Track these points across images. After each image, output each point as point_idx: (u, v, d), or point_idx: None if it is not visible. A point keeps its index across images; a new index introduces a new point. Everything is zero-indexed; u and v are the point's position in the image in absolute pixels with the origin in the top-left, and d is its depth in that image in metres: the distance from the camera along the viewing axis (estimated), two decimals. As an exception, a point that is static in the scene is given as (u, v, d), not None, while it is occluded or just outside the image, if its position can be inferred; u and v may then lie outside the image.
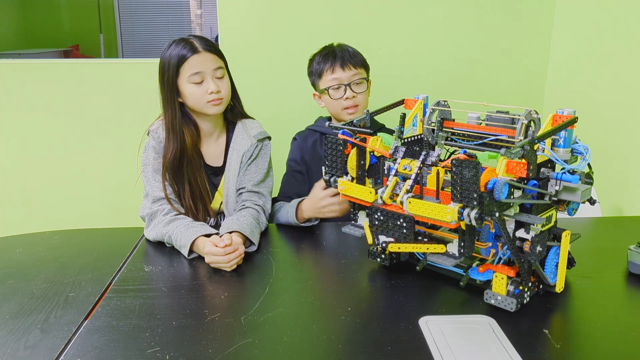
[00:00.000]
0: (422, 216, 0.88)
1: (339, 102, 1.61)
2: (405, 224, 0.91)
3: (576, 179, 0.92)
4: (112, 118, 2.34)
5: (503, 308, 0.97)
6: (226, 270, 1.18)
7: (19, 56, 3.74)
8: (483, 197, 0.82)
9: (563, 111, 0.94)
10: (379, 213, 0.95)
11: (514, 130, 0.98)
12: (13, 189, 2.40)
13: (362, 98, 1.62)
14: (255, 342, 0.90)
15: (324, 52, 1.65)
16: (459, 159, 0.83)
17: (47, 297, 1.07)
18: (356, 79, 1.61)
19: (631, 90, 1.84)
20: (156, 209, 1.37)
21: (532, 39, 2.35)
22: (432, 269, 1.13)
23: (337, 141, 1.01)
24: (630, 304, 1.04)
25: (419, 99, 1.13)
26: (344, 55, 1.61)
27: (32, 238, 1.43)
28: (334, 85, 1.60)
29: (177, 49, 1.39)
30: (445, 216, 0.85)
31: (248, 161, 1.48)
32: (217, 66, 1.41)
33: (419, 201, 0.89)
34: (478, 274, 1.01)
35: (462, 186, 0.83)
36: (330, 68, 1.61)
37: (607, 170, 1.95)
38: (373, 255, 1.18)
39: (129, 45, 4.75)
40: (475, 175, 0.81)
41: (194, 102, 1.41)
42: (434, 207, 0.87)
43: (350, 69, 1.60)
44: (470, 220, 0.83)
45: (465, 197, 0.83)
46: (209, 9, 4.60)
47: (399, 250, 0.94)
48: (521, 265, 0.94)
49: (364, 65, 1.66)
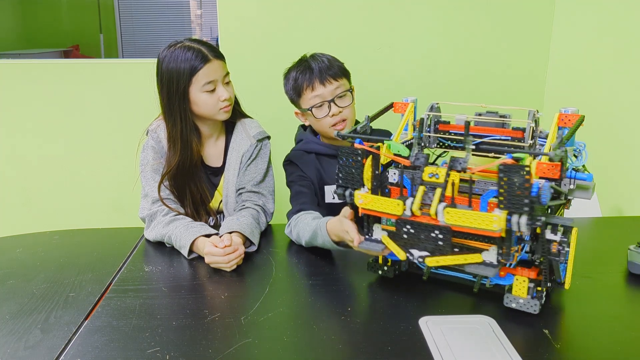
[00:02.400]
0: (463, 226, 0.83)
1: (324, 120, 1.47)
2: (442, 235, 0.86)
3: (590, 177, 0.91)
4: (112, 118, 2.34)
5: (525, 311, 0.95)
6: (226, 270, 1.18)
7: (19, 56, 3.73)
8: (534, 203, 0.78)
9: (567, 110, 0.94)
10: (408, 226, 0.89)
11: (506, 131, 0.98)
12: (13, 189, 2.40)
13: (348, 111, 1.47)
14: (255, 342, 0.90)
15: (299, 68, 1.48)
16: (505, 164, 0.79)
17: (47, 297, 1.07)
18: (339, 93, 1.45)
19: (631, 90, 1.84)
20: (156, 209, 1.37)
21: (532, 39, 2.35)
22: (437, 277, 1.09)
23: (356, 151, 0.93)
24: (630, 304, 1.04)
25: (408, 101, 1.08)
26: (321, 68, 1.45)
27: (32, 238, 1.43)
28: (316, 104, 1.45)
29: (186, 57, 1.34)
30: (492, 225, 0.80)
31: (248, 161, 1.48)
32: (226, 72, 1.41)
33: (458, 210, 0.84)
34: (499, 279, 0.98)
35: (510, 192, 0.79)
36: (309, 85, 1.45)
37: (607, 170, 1.95)
38: (373, 268, 1.11)
39: (129, 45, 4.74)
40: (527, 181, 0.78)
41: (206, 110, 1.39)
42: (477, 216, 0.81)
43: (331, 82, 1.44)
44: (520, 227, 0.79)
45: (515, 203, 0.79)
46: (209, 9, 4.59)
47: (437, 264, 0.88)
48: (544, 266, 0.93)
49: (344, 74, 1.49)
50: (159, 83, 1.39)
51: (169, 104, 1.38)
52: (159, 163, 1.42)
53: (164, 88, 1.38)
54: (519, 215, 0.79)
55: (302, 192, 1.46)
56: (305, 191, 1.47)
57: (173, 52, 1.36)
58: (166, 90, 1.37)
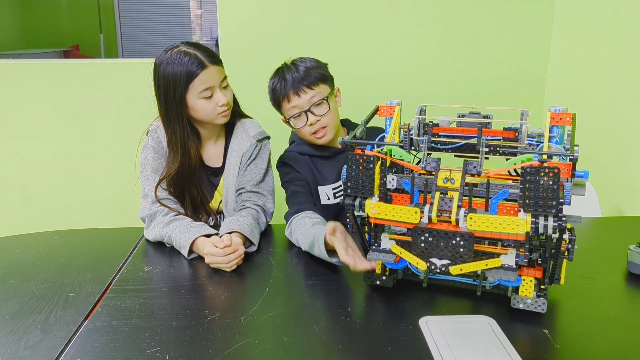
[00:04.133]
0: (487, 232, 0.81)
1: (304, 129, 1.47)
2: (464, 242, 0.84)
3: (587, 174, 0.91)
4: (112, 118, 2.34)
5: (533, 311, 0.95)
6: (226, 270, 1.18)
7: (19, 56, 3.74)
8: (561, 204, 0.77)
9: (558, 109, 0.94)
10: (427, 234, 0.86)
11: (498, 131, 0.97)
12: (13, 189, 2.40)
13: (327, 118, 1.45)
14: (255, 342, 0.90)
15: (275, 78, 1.48)
16: (532, 166, 0.78)
17: (47, 297, 1.07)
18: (315, 101, 1.43)
19: (631, 90, 1.84)
20: (156, 209, 1.37)
21: (532, 39, 2.35)
22: (436, 282, 1.08)
23: (369, 158, 0.90)
24: (630, 304, 1.04)
25: (393, 104, 1.05)
26: (295, 78, 1.43)
27: (32, 238, 1.43)
28: (294, 114, 1.45)
29: (182, 63, 1.32)
30: (518, 229, 0.79)
31: (247, 161, 1.47)
32: (223, 77, 1.41)
33: (482, 216, 0.82)
34: (509, 281, 0.96)
35: (537, 194, 0.78)
36: (285, 97, 1.45)
37: (607, 170, 1.95)
38: (371, 279, 1.06)
39: (129, 45, 4.74)
40: (556, 183, 0.76)
41: (204, 115, 1.39)
42: (502, 221, 0.80)
43: (306, 92, 1.43)
44: (547, 229, 0.78)
45: (542, 205, 0.78)
46: (209, 9, 4.59)
47: (460, 272, 0.86)
48: (548, 264, 0.93)
49: (323, 80, 1.46)
50: (156, 89, 1.38)
51: (166, 111, 1.37)
52: (159, 163, 1.42)
53: (161, 94, 1.37)
54: (545, 217, 0.78)
55: (298, 192, 1.45)
56: (302, 191, 1.46)
57: (169, 57, 1.34)
58: (163, 96, 1.36)
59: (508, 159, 0.92)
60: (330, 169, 1.53)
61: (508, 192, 0.91)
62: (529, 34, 2.34)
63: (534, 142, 0.98)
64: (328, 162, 1.53)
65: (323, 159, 1.53)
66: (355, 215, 0.96)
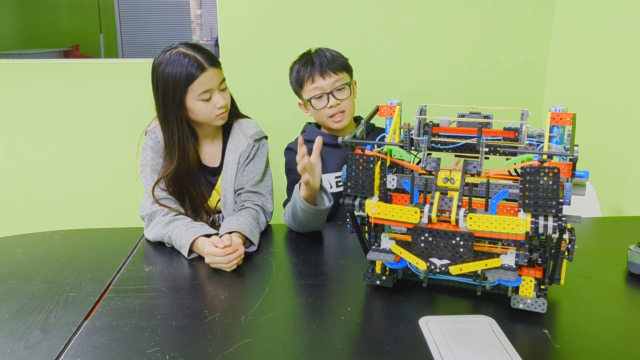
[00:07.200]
0: (487, 232, 0.82)
1: (323, 111, 1.56)
2: (463, 242, 0.85)
3: (587, 174, 0.91)
4: (112, 118, 2.34)
5: (533, 311, 0.95)
6: (226, 270, 1.18)
7: (19, 56, 3.73)
8: (561, 204, 0.77)
9: (558, 109, 0.94)
10: (427, 234, 0.87)
11: (498, 131, 0.97)
12: (13, 189, 2.40)
13: (346, 104, 1.56)
14: (255, 342, 0.90)
15: (302, 61, 1.59)
16: (532, 166, 0.78)
17: (47, 297, 1.07)
18: (338, 85, 1.54)
19: (631, 90, 1.84)
20: (155, 209, 1.37)
21: (532, 39, 2.35)
22: (436, 282, 1.08)
23: (369, 158, 0.91)
24: (630, 304, 1.04)
25: (394, 104, 1.06)
26: (322, 62, 1.54)
27: (32, 238, 1.43)
28: (316, 95, 1.55)
29: (181, 65, 1.32)
30: (518, 228, 0.79)
31: (245, 161, 1.47)
32: (222, 79, 1.41)
33: (481, 216, 0.83)
34: (509, 281, 0.96)
35: (536, 194, 0.78)
36: (310, 77, 1.55)
37: (607, 170, 1.95)
38: (371, 279, 1.06)
39: (129, 45, 4.74)
40: (556, 183, 0.77)
41: (203, 117, 1.39)
42: (502, 221, 0.80)
43: (331, 75, 1.54)
44: (547, 229, 0.79)
45: (542, 205, 0.78)
46: (209, 9, 4.59)
47: (460, 272, 0.86)
48: (548, 264, 0.93)
49: (346, 69, 1.59)
50: (154, 90, 1.38)
51: (164, 112, 1.37)
52: (158, 163, 1.42)
53: (159, 95, 1.37)
54: (544, 217, 0.79)
55: (297, 182, 1.46)
56: None
57: (169, 58, 1.34)
58: (162, 98, 1.36)
59: (508, 159, 0.92)
60: (335, 158, 1.58)
61: (508, 192, 0.91)
62: (529, 34, 2.34)
63: (534, 142, 0.98)
64: (334, 151, 1.59)
65: (330, 147, 1.58)
66: (355, 215, 0.96)
